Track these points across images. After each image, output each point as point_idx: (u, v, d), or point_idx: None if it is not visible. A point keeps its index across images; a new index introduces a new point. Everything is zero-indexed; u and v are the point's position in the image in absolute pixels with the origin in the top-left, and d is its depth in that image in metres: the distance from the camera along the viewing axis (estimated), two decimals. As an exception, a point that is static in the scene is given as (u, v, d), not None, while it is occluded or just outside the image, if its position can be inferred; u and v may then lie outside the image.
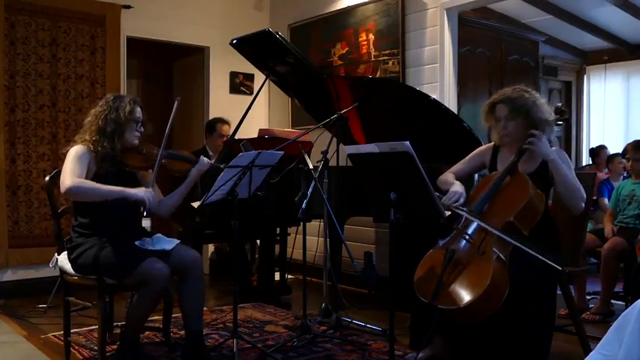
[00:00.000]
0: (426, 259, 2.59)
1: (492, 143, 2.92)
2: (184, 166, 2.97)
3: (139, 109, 2.90)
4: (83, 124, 2.92)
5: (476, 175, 3.51)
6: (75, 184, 2.66)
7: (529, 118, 2.68)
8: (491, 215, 2.54)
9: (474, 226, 2.55)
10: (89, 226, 2.81)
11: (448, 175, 2.89)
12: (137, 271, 2.63)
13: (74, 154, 2.76)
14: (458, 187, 2.72)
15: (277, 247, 4.65)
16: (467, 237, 2.52)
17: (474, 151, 2.99)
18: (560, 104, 2.83)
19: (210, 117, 5.55)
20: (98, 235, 2.76)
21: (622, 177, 4.96)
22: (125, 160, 2.84)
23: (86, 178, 2.76)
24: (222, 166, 2.97)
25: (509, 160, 2.70)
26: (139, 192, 2.75)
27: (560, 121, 2.77)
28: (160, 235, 2.92)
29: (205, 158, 3.00)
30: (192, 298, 2.83)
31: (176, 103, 2.88)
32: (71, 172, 2.69)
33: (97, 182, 2.74)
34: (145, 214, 2.85)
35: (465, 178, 2.90)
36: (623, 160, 5.08)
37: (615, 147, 5.40)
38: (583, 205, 2.63)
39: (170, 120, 2.89)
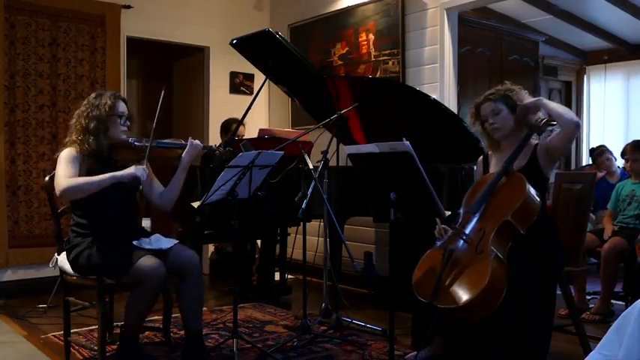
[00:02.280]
0: (425, 259, 2.60)
1: (482, 157, 2.97)
2: (176, 152, 2.95)
3: (121, 104, 2.88)
4: (69, 126, 2.90)
5: (475, 177, 3.51)
6: (69, 184, 2.68)
7: (511, 107, 2.73)
8: (488, 215, 2.55)
9: (471, 225, 2.56)
10: (86, 225, 2.81)
11: None
12: (132, 269, 2.63)
13: (65, 157, 2.76)
14: None
15: (277, 247, 4.65)
16: (465, 236, 2.53)
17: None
18: None
19: (210, 117, 5.60)
20: (94, 235, 2.77)
21: (620, 175, 4.95)
22: (116, 156, 2.83)
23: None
24: (215, 146, 2.96)
25: (502, 161, 2.70)
26: (129, 170, 2.74)
27: (552, 122, 2.72)
28: (158, 235, 2.91)
29: (196, 141, 2.96)
30: (191, 299, 2.83)
31: (162, 93, 2.89)
32: (64, 175, 2.71)
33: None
34: (141, 188, 2.83)
35: None
36: (611, 157, 5.09)
37: (615, 147, 5.38)
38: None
39: (157, 110, 2.87)
